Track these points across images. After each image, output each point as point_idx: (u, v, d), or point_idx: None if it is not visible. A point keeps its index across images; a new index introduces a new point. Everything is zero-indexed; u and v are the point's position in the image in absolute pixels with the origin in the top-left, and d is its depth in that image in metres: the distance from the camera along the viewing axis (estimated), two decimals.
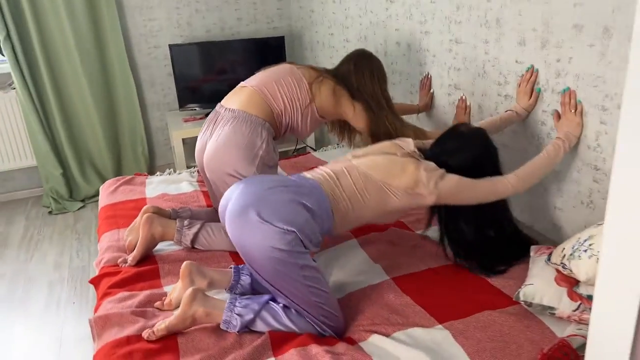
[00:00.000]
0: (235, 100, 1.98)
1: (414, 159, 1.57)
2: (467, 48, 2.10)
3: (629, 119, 0.83)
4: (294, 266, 1.40)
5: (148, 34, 3.59)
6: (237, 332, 1.47)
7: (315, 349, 1.38)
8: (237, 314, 1.47)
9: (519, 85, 1.85)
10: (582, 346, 1.34)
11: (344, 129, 2.31)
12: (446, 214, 1.69)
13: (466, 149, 1.65)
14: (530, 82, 1.81)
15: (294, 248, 1.39)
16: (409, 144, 1.65)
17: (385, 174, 1.54)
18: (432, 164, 1.57)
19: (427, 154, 1.65)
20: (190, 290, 1.48)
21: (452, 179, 1.54)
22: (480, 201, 1.57)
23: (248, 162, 1.87)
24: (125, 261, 1.89)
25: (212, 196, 2.15)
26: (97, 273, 1.89)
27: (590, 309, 1.36)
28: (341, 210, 1.52)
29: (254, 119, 1.91)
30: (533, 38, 1.77)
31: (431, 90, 2.39)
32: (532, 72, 1.80)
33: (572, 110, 1.66)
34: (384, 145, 1.66)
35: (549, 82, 1.75)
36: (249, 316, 1.47)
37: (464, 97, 2.16)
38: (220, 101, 2.07)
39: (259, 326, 1.49)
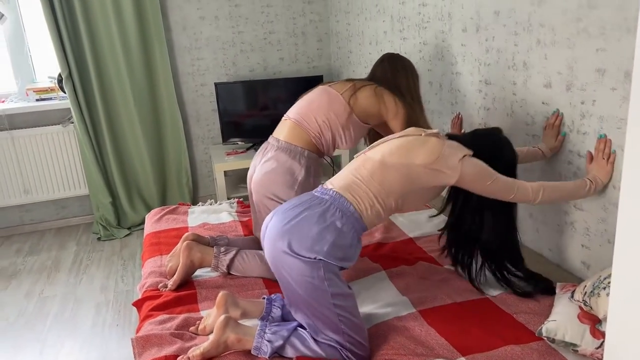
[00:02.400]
0: (281, 132, 2.16)
1: (437, 137, 1.62)
2: (495, 89, 2.18)
3: (632, 162, 0.89)
4: (324, 294, 1.48)
5: (196, 73, 3.82)
6: (268, 357, 1.55)
7: None
8: (267, 340, 1.56)
9: (545, 129, 1.91)
10: None
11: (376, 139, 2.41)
12: (461, 205, 1.75)
13: (495, 143, 1.72)
14: (556, 126, 1.86)
15: (325, 275, 1.47)
16: (431, 130, 1.70)
17: (404, 154, 1.59)
18: (457, 144, 1.61)
19: (453, 136, 1.71)
20: (222, 317, 1.58)
21: (478, 162, 1.58)
22: (498, 196, 1.60)
23: (287, 187, 2.03)
24: (165, 286, 2.02)
25: (254, 221, 2.27)
26: (140, 296, 2.02)
27: None
28: (367, 207, 1.58)
29: (293, 148, 2.09)
30: (558, 81, 1.83)
31: (463, 130, 2.47)
32: (557, 116, 1.85)
33: (605, 158, 1.69)
34: (405, 130, 1.73)
35: (574, 123, 1.80)
36: (279, 342, 1.55)
37: (460, 116, 2.30)
38: (264, 134, 2.30)
39: (288, 352, 1.56)
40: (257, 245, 2.23)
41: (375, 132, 2.33)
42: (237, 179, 3.90)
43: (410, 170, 1.57)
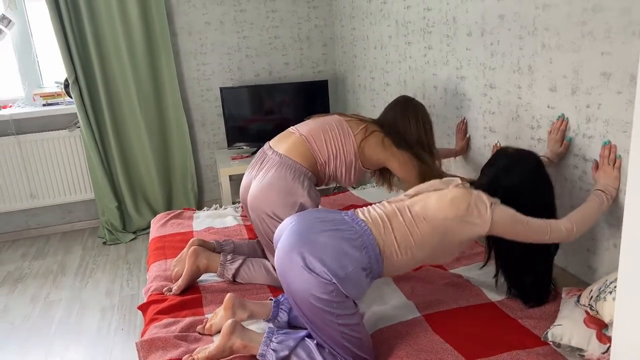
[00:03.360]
0: (282, 144, 2.07)
1: (464, 188, 1.57)
2: (501, 93, 2.17)
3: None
4: (330, 314, 1.45)
5: (201, 78, 3.84)
6: None
7: None
8: (272, 349, 1.54)
9: (550, 133, 1.90)
10: None
11: (384, 175, 2.33)
12: (503, 249, 1.70)
13: (517, 166, 1.66)
14: (561, 130, 1.85)
15: (334, 298, 1.43)
16: (455, 179, 1.65)
17: (436, 207, 1.54)
18: (484, 193, 1.55)
19: (477, 183, 1.65)
20: (229, 322, 1.58)
21: (507, 209, 1.53)
22: (532, 240, 1.55)
23: (288, 208, 1.95)
24: (170, 290, 2.02)
25: (255, 229, 2.24)
26: (145, 300, 2.03)
27: None
28: (391, 255, 1.52)
29: (297, 167, 2.00)
30: (564, 85, 1.83)
31: (467, 134, 2.46)
32: (562, 120, 1.84)
33: (611, 164, 1.67)
34: (434, 183, 1.66)
35: (579, 127, 1.80)
36: (284, 352, 1.54)
37: (498, 144, 2.21)
38: (269, 139, 2.18)
39: None
40: (262, 249, 2.22)
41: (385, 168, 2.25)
42: None
43: (442, 224, 1.52)
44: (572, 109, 1.81)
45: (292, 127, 2.16)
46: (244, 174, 3.61)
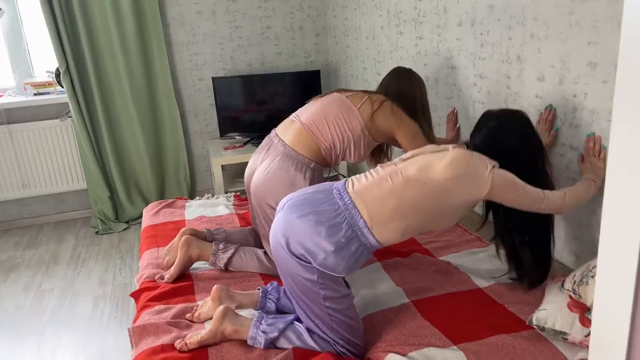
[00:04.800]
0: (287, 134, 2.06)
1: (464, 150, 1.54)
2: (490, 83, 2.19)
3: (617, 149, 0.91)
4: (316, 295, 1.49)
5: (193, 68, 3.84)
6: (262, 348, 1.57)
7: None
8: (262, 332, 1.57)
9: (538, 123, 1.92)
10: None
11: (379, 158, 2.36)
12: (502, 216, 1.66)
13: (507, 125, 1.63)
14: (549, 120, 1.88)
15: (318, 280, 1.46)
16: (451, 145, 1.61)
17: (436, 169, 1.50)
18: (483, 155, 1.53)
19: (474, 146, 1.63)
20: (221, 308, 1.60)
21: (506, 172, 1.51)
22: (529, 207, 1.54)
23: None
24: (162, 277, 2.04)
25: (252, 214, 2.24)
26: (137, 287, 2.04)
27: None
28: (380, 224, 1.49)
29: (300, 158, 2.00)
30: (551, 74, 1.85)
31: (458, 125, 2.48)
32: (550, 111, 1.87)
33: (596, 156, 1.70)
34: (430, 146, 1.63)
35: (566, 116, 1.82)
36: (274, 334, 1.57)
37: (455, 111, 2.28)
38: (261, 129, 2.20)
39: (283, 344, 1.58)
40: (254, 237, 2.24)
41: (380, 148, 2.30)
42: (235, 173, 3.92)
43: (441, 185, 1.48)
44: (560, 99, 1.84)
45: (294, 113, 2.15)
46: (236, 163, 3.68)
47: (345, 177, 3.42)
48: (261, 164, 2.07)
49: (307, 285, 1.47)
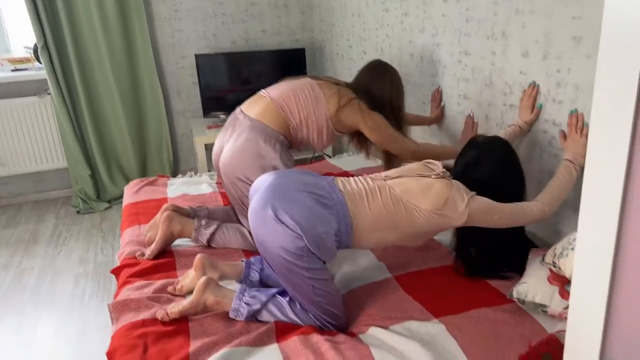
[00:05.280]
0: (254, 109, 2.06)
1: (445, 180, 1.57)
2: (475, 59, 2.18)
3: (598, 126, 0.91)
4: (300, 268, 1.47)
5: (176, 45, 3.77)
6: (245, 319, 1.57)
7: (316, 337, 1.46)
8: (245, 303, 1.57)
9: (522, 100, 1.92)
10: None
11: (363, 141, 2.32)
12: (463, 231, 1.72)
13: (487, 154, 1.67)
14: (532, 97, 1.88)
15: (304, 253, 1.44)
16: (438, 165, 1.64)
17: (415, 195, 1.53)
18: (462, 185, 1.56)
19: (455, 173, 1.66)
20: (203, 279, 1.59)
21: (483, 201, 1.54)
22: (508, 225, 1.58)
23: (260, 171, 1.93)
24: (143, 254, 2.01)
25: (228, 194, 2.24)
26: (118, 264, 2.02)
27: None
28: (363, 229, 1.53)
29: (269, 131, 1.99)
30: (536, 50, 1.84)
31: (442, 103, 2.47)
32: (534, 87, 1.87)
33: (578, 132, 1.70)
34: (416, 166, 1.65)
35: (550, 92, 1.82)
36: (256, 306, 1.57)
37: (472, 114, 2.22)
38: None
39: (265, 316, 1.58)
40: (236, 215, 2.22)
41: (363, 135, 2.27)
42: None
43: (418, 211, 1.52)
44: (543, 74, 1.83)
45: (263, 90, 2.14)
46: None
47: (330, 156, 3.41)
48: (228, 141, 2.05)
49: (291, 259, 1.45)
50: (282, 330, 1.53)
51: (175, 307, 1.56)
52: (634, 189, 0.85)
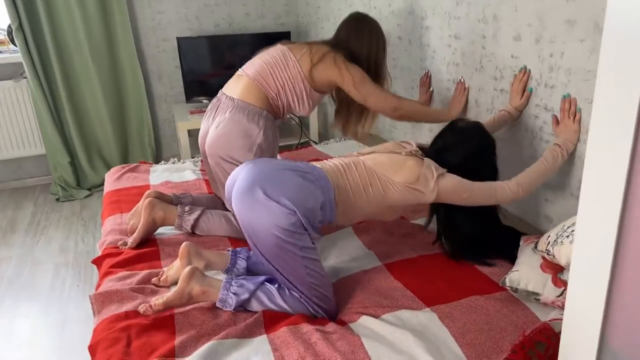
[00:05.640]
0: (234, 89, 2.03)
1: (416, 158, 1.62)
2: (465, 43, 2.14)
3: (600, 111, 0.88)
4: (294, 246, 1.44)
5: (157, 27, 3.66)
6: (233, 310, 1.52)
7: (306, 327, 1.43)
8: (232, 293, 1.52)
9: (512, 85, 1.89)
10: None
11: (348, 121, 2.28)
12: (445, 212, 1.73)
13: (464, 142, 1.69)
14: (523, 81, 1.85)
15: (297, 229, 1.43)
16: (411, 144, 1.71)
17: (388, 169, 1.59)
18: (433, 163, 1.61)
19: (428, 153, 1.69)
20: (188, 268, 1.54)
21: (453, 178, 1.58)
22: (478, 204, 1.62)
23: (246, 150, 1.92)
24: (125, 243, 1.95)
25: (211, 182, 2.20)
26: (100, 254, 1.96)
27: None
28: (344, 202, 1.56)
29: (252, 108, 1.96)
30: (528, 33, 1.81)
31: (431, 88, 2.43)
32: (525, 72, 1.83)
33: (571, 118, 1.69)
34: (389, 144, 1.73)
35: (542, 76, 1.79)
36: (245, 295, 1.52)
37: (462, 79, 2.17)
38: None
39: (254, 306, 1.54)
40: (221, 203, 2.17)
41: (348, 113, 2.23)
42: None
43: (392, 185, 1.57)
44: (535, 58, 1.80)
45: (240, 69, 2.10)
46: None
47: (316, 142, 3.36)
48: (212, 124, 2.02)
49: (284, 238, 1.42)
50: (270, 320, 1.49)
51: (159, 299, 1.50)
52: (638, 173, 0.82)
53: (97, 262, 1.91)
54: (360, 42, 2.06)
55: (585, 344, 1.00)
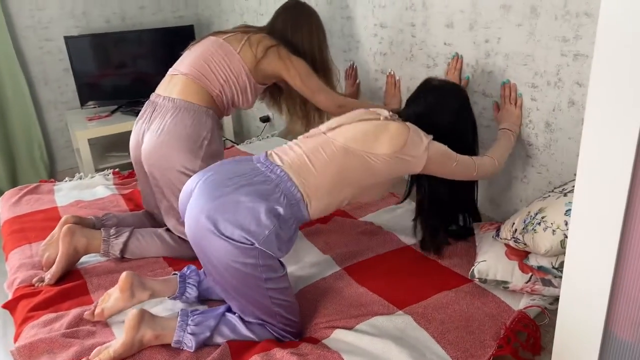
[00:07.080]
0: (172, 89, 1.82)
1: (399, 122, 1.45)
2: (393, 32, 2.10)
3: (595, 96, 0.85)
4: (257, 279, 1.30)
5: (37, 26, 3.23)
6: (193, 351, 1.35)
7: (279, 353, 1.30)
8: (190, 334, 1.34)
9: (447, 74, 1.88)
10: (539, 315, 1.39)
11: (277, 96, 2.17)
12: (429, 186, 1.62)
13: (446, 99, 1.59)
14: (457, 69, 1.84)
15: (259, 262, 1.27)
16: (383, 110, 1.50)
17: (366, 141, 1.40)
18: (418, 128, 1.45)
19: (407, 118, 1.52)
20: (134, 312, 1.33)
21: (440, 145, 1.46)
22: (461, 176, 1.53)
23: (193, 155, 1.73)
24: (42, 280, 1.68)
25: (144, 195, 1.97)
26: (10, 296, 1.66)
27: (541, 279, 1.41)
28: (318, 197, 1.38)
29: (196, 108, 1.77)
30: (461, 20, 1.80)
31: (357, 80, 2.37)
32: (457, 59, 1.83)
33: (512, 103, 1.69)
34: (359, 112, 1.51)
35: (478, 62, 1.79)
36: (205, 335, 1.35)
37: (392, 72, 2.13)
38: (128, 95, 1.90)
39: (217, 340, 1.37)
40: (151, 220, 1.95)
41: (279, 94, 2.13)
42: (104, 147, 3.44)
43: (374, 157, 1.39)
44: (470, 45, 1.80)
45: (171, 69, 1.90)
46: (105, 136, 3.21)
47: (237, 143, 3.18)
48: (149, 128, 1.79)
49: (246, 271, 1.27)
50: (238, 351, 1.34)
51: (103, 354, 1.28)
52: None
53: (10, 306, 1.62)
54: (300, 34, 1.94)
55: (589, 333, 1.00)
